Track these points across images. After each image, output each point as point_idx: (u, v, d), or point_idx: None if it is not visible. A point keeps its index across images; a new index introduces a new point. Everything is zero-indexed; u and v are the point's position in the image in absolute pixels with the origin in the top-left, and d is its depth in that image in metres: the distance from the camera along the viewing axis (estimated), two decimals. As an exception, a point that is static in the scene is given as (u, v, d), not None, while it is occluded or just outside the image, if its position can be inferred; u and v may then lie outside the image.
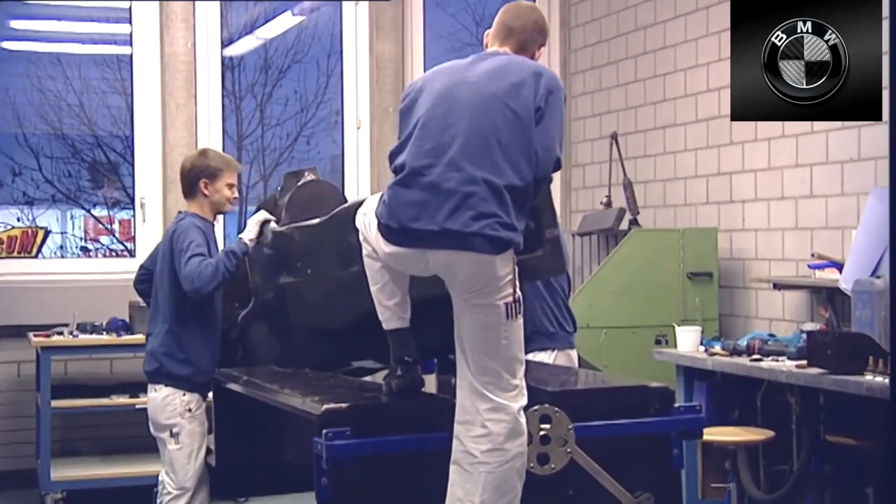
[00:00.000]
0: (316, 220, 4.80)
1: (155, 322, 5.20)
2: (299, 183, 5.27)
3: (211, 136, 7.97)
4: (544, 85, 3.77)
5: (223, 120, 8.12)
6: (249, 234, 5.13)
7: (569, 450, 3.80)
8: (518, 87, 3.73)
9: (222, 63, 8.15)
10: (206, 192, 5.18)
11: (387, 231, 3.71)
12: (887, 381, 4.55)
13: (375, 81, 8.22)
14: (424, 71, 8.30)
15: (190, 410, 5.08)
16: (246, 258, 5.13)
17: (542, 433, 3.78)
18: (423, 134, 3.74)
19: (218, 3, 8.00)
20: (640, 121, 7.62)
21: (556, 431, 3.79)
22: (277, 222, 5.17)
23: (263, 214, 5.20)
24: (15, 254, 7.82)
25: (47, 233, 8.09)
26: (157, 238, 7.77)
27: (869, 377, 4.71)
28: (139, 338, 7.03)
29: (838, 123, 5.95)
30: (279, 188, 5.50)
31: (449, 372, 4.70)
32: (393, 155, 3.83)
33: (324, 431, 3.77)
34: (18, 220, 8.09)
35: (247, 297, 5.33)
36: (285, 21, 8.65)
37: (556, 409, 3.81)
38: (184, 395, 5.08)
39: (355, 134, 8.21)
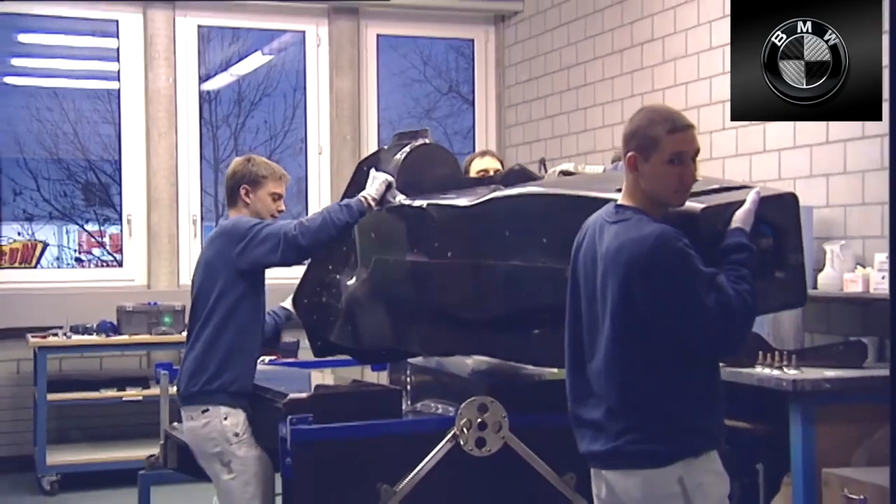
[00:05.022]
0: (461, 202, 3.89)
1: (189, 338, 4.23)
2: (412, 146, 4.24)
3: (190, 161, 7.94)
4: None
5: (201, 147, 8.08)
6: (373, 192, 4.05)
7: (503, 435, 3.79)
8: None
9: (200, 96, 8.12)
10: (248, 199, 4.20)
11: None
12: (775, 372, 4.60)
13: (335, 113, 8.21)
14: (378, 104, 8.37)
15: (237, 435, 4.08)
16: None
17: (479, 420, 3.78)
18: None
19: (196, 42, 7.97)
20: (565, 148, 7.65)
21: (492, 419, 3.79)
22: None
23: (388, 177, 4.11)
24: (16, 264, 7.79)
25: (45, 246, 8.05)
26: (142, 250, 7.77)
27: (759, 369, 4.74)
28: (125, 338, 7.06)
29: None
30: (385, 146, 4.49)
31: (400, 371, 4.70)
32: None
33: (288, 418, 3.75)
34: (19, 234, 8.05)
35: (343, 261, 4.46)
36: (256, 60, 8.64)
37: (493, 399, 3.81)
38: (224, 418, 4.07)
39: (318, 159, 8.20)
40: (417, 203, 4.03)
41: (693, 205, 3.04)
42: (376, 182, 4.07)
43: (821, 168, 5.43)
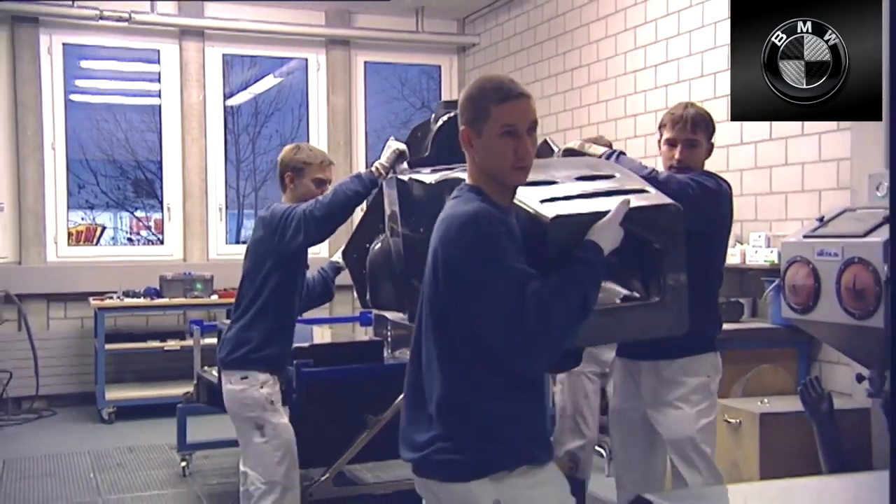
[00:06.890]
0: (433, 178, 3.13)
1: (237, 311, 3.59)
2: (449, 116, 3.40)
3: (216, 162, 7.89)
4: None
5: (225, 150, 8.02)
6: (384, 160, 3.39)
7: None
8: None
9: (224, 110, 8.05)
10: (292, 185, 3.57)
11: None
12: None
13: (331, 124, 8.18)
14: (365, 117, 8.35)
15: (272, 403, 3.46)
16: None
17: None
18: None
19: (221, 67, 7.91)
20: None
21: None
22: (409, 157, 3.43)
23: (400, 146, 3.42)
24: (81, 243, 7.73)
25: (103, 228, 8.01)
26: (179, 232, 7.73)
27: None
28: (166, 301, 7.02)
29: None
30: (433, 115, 3.54)
31: (382, 326, 4.71)
32: None
33: (294, 362, 3.76)
34: (83, 219, 7.99)
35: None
36: (269, 81, 8.58)
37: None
38: (261, 386, 3.45)
39: (318, 160, 8.17)
40: (401, 176, 3.36)
41: (544, 213, 2.18)
42: (388, 151, 3.42)
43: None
